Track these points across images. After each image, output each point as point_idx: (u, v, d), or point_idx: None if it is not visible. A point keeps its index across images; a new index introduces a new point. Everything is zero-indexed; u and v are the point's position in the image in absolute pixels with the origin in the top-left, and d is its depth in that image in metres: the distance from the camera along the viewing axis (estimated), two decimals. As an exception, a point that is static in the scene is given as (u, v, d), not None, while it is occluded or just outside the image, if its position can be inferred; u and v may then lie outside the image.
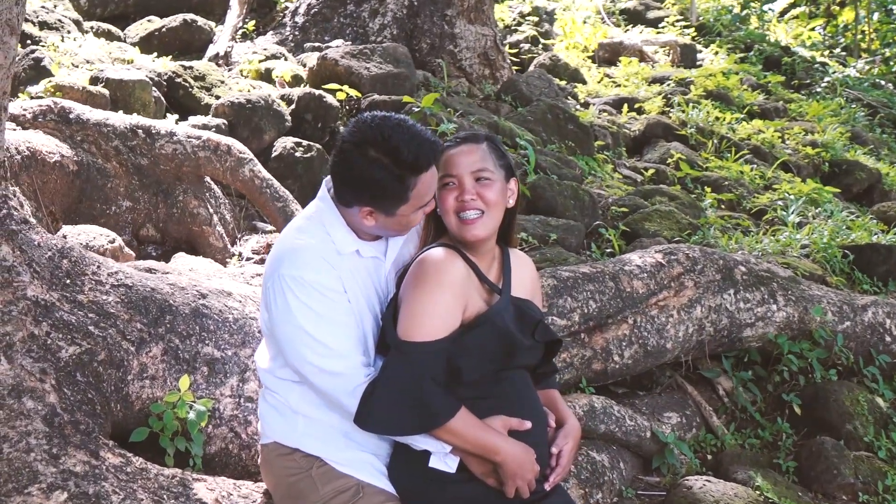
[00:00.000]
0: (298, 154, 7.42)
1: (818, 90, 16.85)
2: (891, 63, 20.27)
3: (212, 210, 6.55)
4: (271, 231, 6.83)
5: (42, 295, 4.22)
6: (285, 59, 9.72)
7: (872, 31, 22.54)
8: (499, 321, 3.18)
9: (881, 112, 15.75)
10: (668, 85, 13.91)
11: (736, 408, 5.99)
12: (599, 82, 14.26)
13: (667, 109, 12.46)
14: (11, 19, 3.87)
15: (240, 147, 6.46)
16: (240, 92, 8.09)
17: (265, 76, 9.18)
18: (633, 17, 19.32)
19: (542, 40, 15.53)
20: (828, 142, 12.22)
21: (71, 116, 6.15)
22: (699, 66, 15.86)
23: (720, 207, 9.32)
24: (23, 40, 8.56)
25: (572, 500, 3.46)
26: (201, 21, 10.45)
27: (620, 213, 7.97)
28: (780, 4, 22.93)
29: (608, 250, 7.29)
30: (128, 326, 4.36)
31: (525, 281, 3.47)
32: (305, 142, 7.57)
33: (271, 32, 11.03)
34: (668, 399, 5.85)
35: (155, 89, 7.52)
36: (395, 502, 3.22)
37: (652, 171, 9.77)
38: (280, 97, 8.23)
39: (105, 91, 7.01)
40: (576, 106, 11.94)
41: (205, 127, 7.10)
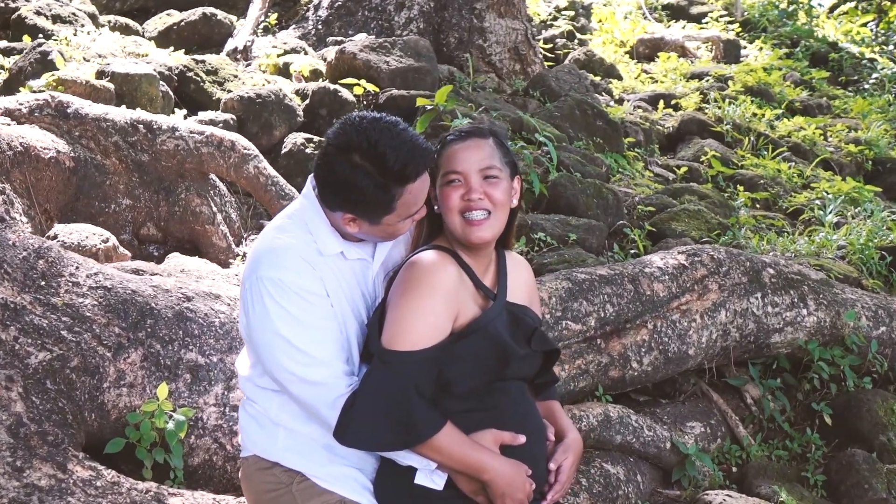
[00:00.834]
0: (309, 150, 7.21)
1: (866, 87, 16.38)
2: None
3: (215, 208, 6.36)
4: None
5: (12, 297, 4.04)
6: (305, 54, 9.53)
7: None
8: (492, 329, 2.99)
9: (931, 109, 15.25)
10: (707, 81, 13.58)
11: (763, 417, 5.79)
12: (636, 78, 14.01)
13: (703, 106, 12.18)
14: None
15: (244, 143, 6.27)
16: (253, 86, 7.87)
17: (283, 71, 9.02)
18: (676, 13, 19.01)
19: (578, 35, 15.28)
20: (872, 139, 11.86)
21: (69, 111, 5.99)
22: (741, 63, 15.49)
23: (755, 207, 9.06)
24: (34, 34, 8.44)
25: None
26: (221, 15, 10.31)
27: (647, 213, 7.71)
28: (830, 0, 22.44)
29: (632, 251, 7.04)
30: (105, 331, 4.19)
31: (522, 286, 3.27)
32: (317, 138, 7.36)
33: (294, 26, 10.86)
34: (692, 408, 5.69)
35: (163, 84, 7.35)
36: (381, 519, 3.05)
37: (684, 169, 9.50)
38: (294, 92, 8.06)
39: (110, 85, 6.84)
40: (609, 102, 11.71)
41: (212, 122, 6.92)
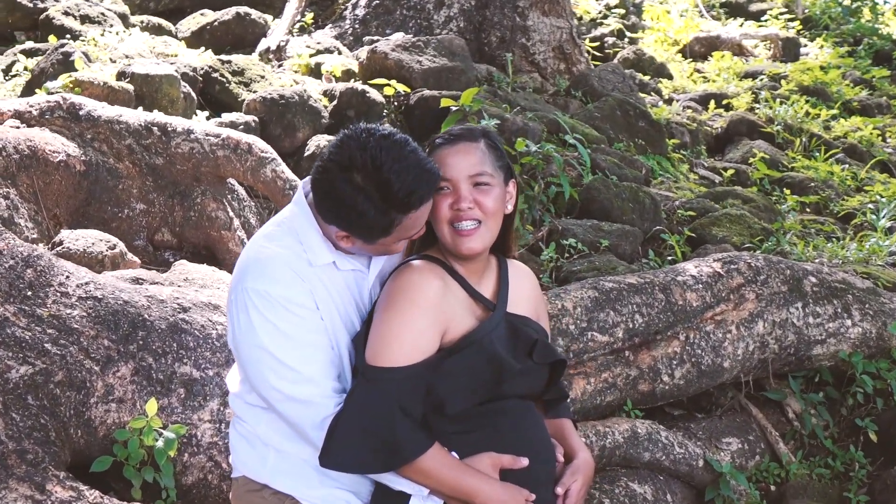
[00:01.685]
0: (333, 153, 6.99)
1: (933, 86, 15.91)
2: None
3: (232, 213, 6.22)
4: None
5: (-6, 309, 3.86)
6: (339, 53, 9.36)
7: None
8: (486, 343, 2.84)
9: None
10: (761, 80, 13.24)
11: (804, 433, 5.64)
12: (689, 77, 13.81)
13: (755, 106, 11.95)
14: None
15: (261, 146, 6.11)
16: (281, 87, 7.70)
17: (315, 71, 8.89)
18: (735, 10, 18.69)
19: (629, 34, 15.10)
20: (933, 140, 11.46)
21: (81, 113, 5.88)
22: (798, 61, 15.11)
23: (804, 211, 8.85)
24: (62, 35, 8.36)
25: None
26: (255, 14, 10.21)
27: (687, 218, 7.49)
28: (897, -3, 21.88)
29: (670, 258, 6.80)
30: (93, 343, 4.04)
31: (525, 297, 3.10)
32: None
33: (330, 26, 10.71)
34: (729, 423, 5.54)
35: (185, 85, 7.22)
36: (373, 546, 2.91)
37: (731, 172, 9.28)
38: (322, 93, 7.88)
39: (129, 87, 6.73)
40: (657, 102, 11.54)
41: (233, 124, 6.77)
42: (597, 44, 13.83)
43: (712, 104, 11.93)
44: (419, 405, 2.75)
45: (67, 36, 8.32)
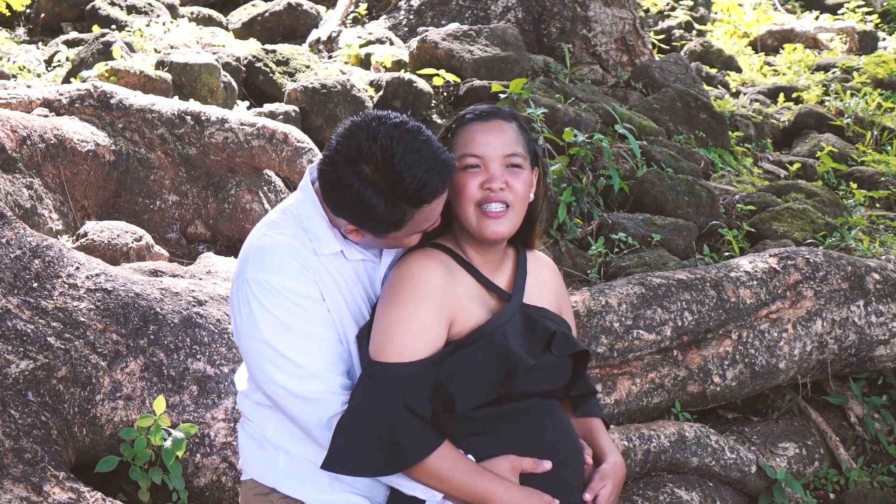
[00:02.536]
0: (375, 144, 6.83)
1: None
2: None
3: (268, 205, 6.09)
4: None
5: (-4, 300, 3.71)
6: (391, 44, 9.20)
7: None
8: (497, 337, 2.68)
9: None
10: (833, 73, 12.92)
11: (867, 438, 5.50)
12: (759, 70, 13.60)
13: (825, 99, 11.71)
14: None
15: (298, 135, 5.97)
16: (326, 77, 7.54)
17: (365, 62, 8.76)
18: (810, 3, 18.50)
19: (697, 26, 14.93)
20: None
21: (112, 102, 5.77)
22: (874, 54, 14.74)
23: (874, 206, 8.57)
24: (107, 24, 8.31)
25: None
26: (307, 5, 10.10)
27: (746, 212, 7.22)
28: None
29: (727, 253, 6.59)
30: (100, 337, 3.88)
31: (544, 286, 2.94)
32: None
33: (384, 17, 10.57)
34: (787, 427, 5.39)
35: (227, 74, 7.10)
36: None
37: (797, 166, 8.98)
38: (369, 83, 7.73)
39: (167, 76, 6.62)
40: (723, 94, 11.34)
41: (272, 115, 6.61)
42: (663, 36, 13.66)
43: (781, 97, 11.67)
44: (426, 402, 2.63)
45: (113, 26, 8.26)
